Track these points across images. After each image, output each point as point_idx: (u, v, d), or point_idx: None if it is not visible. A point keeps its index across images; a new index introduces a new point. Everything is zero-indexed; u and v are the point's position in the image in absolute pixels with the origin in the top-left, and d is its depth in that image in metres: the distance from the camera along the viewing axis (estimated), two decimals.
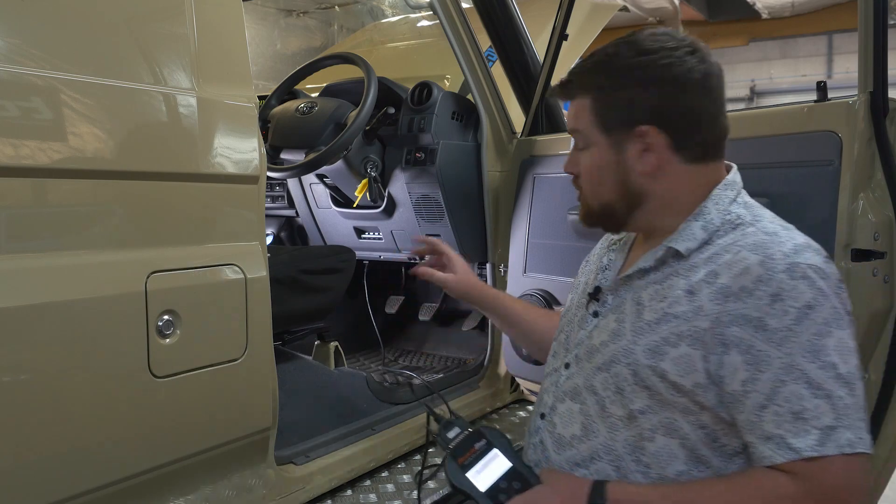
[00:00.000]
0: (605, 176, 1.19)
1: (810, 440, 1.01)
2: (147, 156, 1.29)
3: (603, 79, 1.17)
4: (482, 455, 1.19)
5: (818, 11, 11.95)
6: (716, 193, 1.17)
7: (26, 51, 1.14)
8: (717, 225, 1.15)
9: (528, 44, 2.51)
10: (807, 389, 1.02)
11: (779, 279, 1.04)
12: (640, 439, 1.13)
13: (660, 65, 1.13)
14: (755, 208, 1.19)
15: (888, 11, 1.60)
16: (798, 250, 1.07)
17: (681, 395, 1.10)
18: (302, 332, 2.19)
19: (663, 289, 1.15)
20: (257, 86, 2.28)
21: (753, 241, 1.10)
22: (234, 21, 1.46)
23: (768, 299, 1.04)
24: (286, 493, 1.65)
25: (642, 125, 1.14)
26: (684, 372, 1.08)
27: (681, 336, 1.09)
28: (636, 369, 1.13)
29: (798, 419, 1.01)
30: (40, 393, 1.14)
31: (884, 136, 1.57)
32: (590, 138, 1.20)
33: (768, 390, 1.03)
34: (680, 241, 1.15)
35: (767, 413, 1.03)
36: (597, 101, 1.18)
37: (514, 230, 2.38)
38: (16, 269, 1.11)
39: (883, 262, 1.57)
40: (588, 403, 1.19)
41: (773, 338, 1.03)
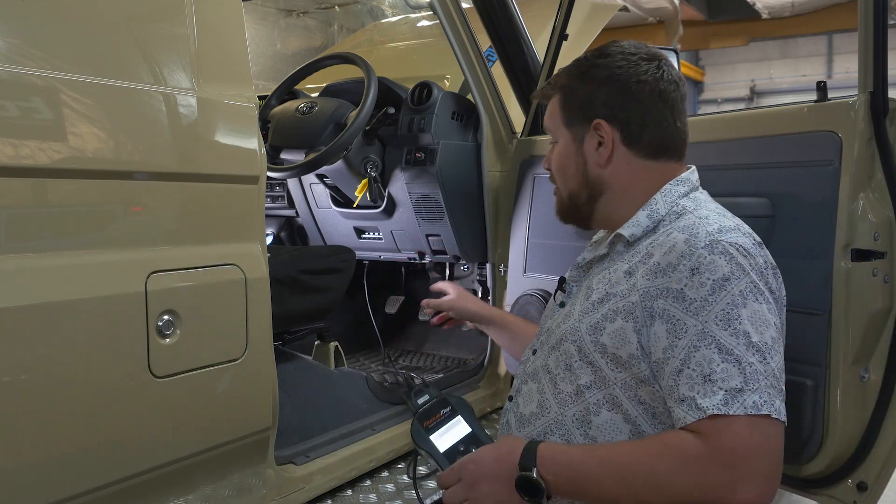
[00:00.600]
0: (570, 166, 1.32)
1: (716, 400, 1.06)
2: (147, 156, 1.29)
3: (569, 79, 1.32)
4: (446, 420, 1.28)
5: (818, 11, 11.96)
6: (666, 188, 1.28)
7: (26, 51, 1.14)
8: (662, 214, 1.25)
9: (528, 44, 2.51)
10: (717, 354, 1.09)
11: (699, 254, 1.13)
12: (587, 413, 1.22)
13: (615, 66, 1.27)
14: (702, 201, 1.27)
15: (888, 11, 1.60)
16: (723, 230, 1.16)
17: (620, 370, 1.18)
18: (302, 332, 2.19)
19: (610, 273, 1.26)
20: (257, 86, 2.28)
21: (684, 223, 1.20)
22: (234, 21, 1.46)
23: (688, 272, 1.13)
24: (286, 493, 1.66)
25: (597, 119, 1.27)
26: (619, 344, 1.17)
27: (617, 311, 1.19)
28: (580, 345, 1.23)
29: (707, 381, 1.08)
30: (40, 393, 1.14)
31: (884, 136, 1.57)
32: (557, 133, 1.34)
33: (683, 356, 1.10)
34: (626, 228, 1.26)
35: (682, 377, 1.10)
36: (563, 99, 1.32)
37: (514, 230, 2.38)
38: (16, 269, 1.11)
39: (883, 262, 1.57)
40: (543, 382, 1.29)
41: (690, 307, 1.12)
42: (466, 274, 2.89)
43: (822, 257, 1.57)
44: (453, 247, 2.50)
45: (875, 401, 1.59)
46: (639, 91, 1.25)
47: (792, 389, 1.24)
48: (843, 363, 1.56)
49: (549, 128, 1.36)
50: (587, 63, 1.30)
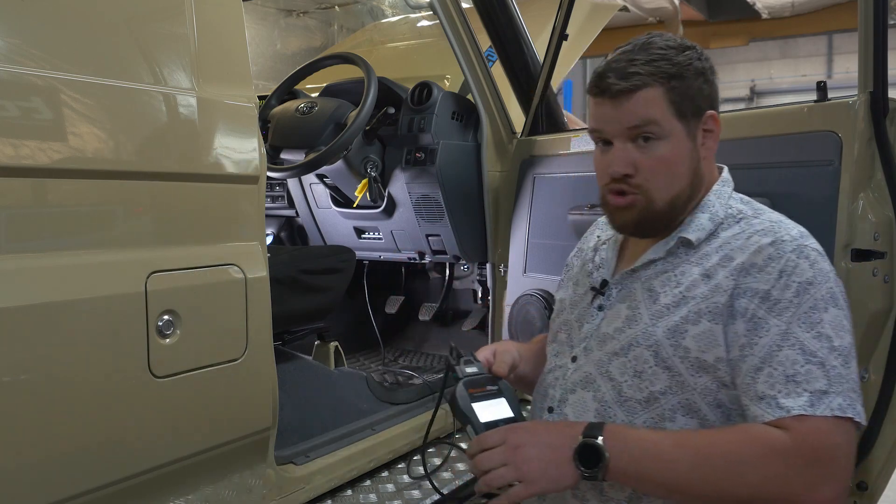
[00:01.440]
0: (682, 165, 1.21)
1: (801, 401, 1.05)
2: (147, 156, 1.29)
3: (672, 69, 1.18)
4: (491, 396, 1.21)
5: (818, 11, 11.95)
6: (716, 189, 1.25)
7: (26, 51, 1.14)
8: (722, 217, 1.23)
9: (528, 44, 2.51)
10: (801, 355, 1.07)
11: (787, 257, 1.12)
12: (661, 420, 1.16)
13: (701, 58, 1.22)
14: (754, 204, 1.27)
15: (888, 11, 1.60)
16: (803, 235, 1.17)
17: (701, 375, 1.14)
18: (302, 332, 2.19)
19: (676, 276, 1.20)
20: (257, 86, 2.28)
21: (762, 227, 1.18)
22: (234, 21, 1.46)
23: (777, 274, 1.12)
24: (286, 493, 1.65)
25: (711, 111, 1.22)
26: (706, 347, 1.13)
27: (700, 313, 1.15)
28: (657, 350, 1.16)
29: (790, 381, 1.06)
30: (40, 393, 1.13)
31: (884, 136, 1.57)
32: (667, 127, 1.19)
33: (764, 354, 1.09)
34: (691, 232, 1.22)
35: (762, 375, 1.08)
36: (672, 90, 1.18)
37: (514, 230, 2.38)
38: (16, 269, 1.11)
39: (883, 262, 1.57)
40: (603, 390, 1.21)
41: (774, 308, 1.10)
42: (466, 274, 2.89)
43: None
44: (453, 247, 2.50)
45: (875, 401, 1.59)
46: (716, 84, 1.25)
47: None
48: None
49: (652, 120, 1.18)
50: (678, 54, 1.20)
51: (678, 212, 1.23)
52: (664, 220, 1.23)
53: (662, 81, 1.18)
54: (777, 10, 12.01)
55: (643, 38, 1.23)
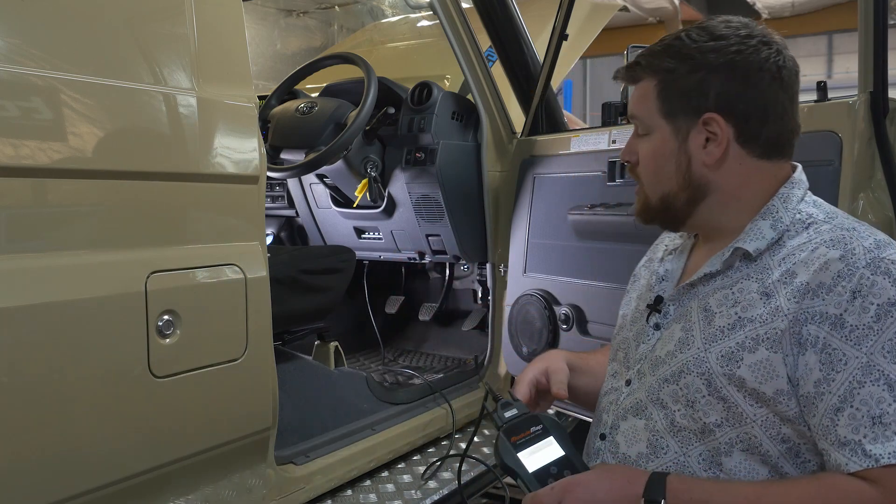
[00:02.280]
0: (666, 165, 1.13)
1: (891, 447, 0.94)
2: (147, 156, 1.29)
3: (671, 61, 1.10)
4: (537, 439, 1.13)
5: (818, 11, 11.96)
6: (783, 192, 1.11)
7: (26, 51, 1.14)
8: (787, 224, 1.09)
9: (528, 44, 2.51)
10: (887, 392, 0.95)
11: (860, 274, 0.98)
12: (717, 454, 1.06)
13: (731, 51, 1.08)
14: (827, 207, 1.13)
15: (888, 11, 1.60)
16: (880, 245, 1.02)
17: (761, 406, 1.03)
18: (302, 332, 2.19)
19: (734, 293, 1.08)
20: (257, 86, 2.28)
21: (831, 237, 1.04)
22: (234, 21, 1.46)
23: (848, 295, 0.98)
24: (286, 493, 1.65)
25: (709, 113, 1.09)
26: (764, 378, 1.02)
27: (758, 340, 1.02)
28: (710, 379, 1.06)
29: (877, 424, 0.94)
30: (40, 393, 1.13)
31: (884, 136, 1.57)
32: (651, 124, 1.14)
33: (844, 391, 0.96)
34: (749, 242, 1.09)
35: (843, 416, 0.96)
36: (663, 85, 1.11)
37: (514, 230, 2.38)
38: (16, 269, 1.11)
39: None
40: (654, 419, 1.12)
41: (851, 336, 0.97)
42: (466, 274, 2.89)
43: None
44: (453, 247, 2.50)
45: None
46: (760, 80, 1.07)
47: None
48: None
49: (638, 115, 1.15)
50: (694, 45, 1.09)
51: (677, 211, 1.14)
52: (666, 216, 1.16)
53: (655, 75, 1.12)
54: (777, 10, 12.02)
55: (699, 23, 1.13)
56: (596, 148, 2.17)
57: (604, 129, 2.21)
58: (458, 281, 2.93)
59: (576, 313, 2.13)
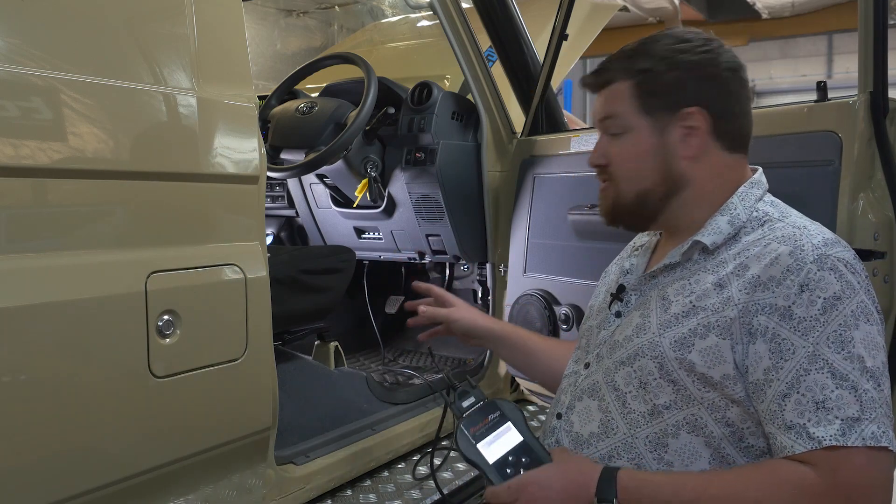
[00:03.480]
0: (646, 161, 1.18)
1: (832, 430, 0.99)
2: (147, 156, 1.29)
3: (647, 62, 1.17)
4: (495, 427, 1.17)
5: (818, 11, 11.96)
6: (742, 190, 1.18)
7: (26, 51, 1.14)
8: (743, 221, 1.15)
9: (528, 44, 2.51)
10: (831, 379, 1.01)
11: (808, 269, 1.05)
12: (664, 435, 1.12)
13: (700, 51, 1.16)
14: (782, 206, 1.20)
15: (888, 11, 1.60)
16: (828, 243, 1.08)
17: (709, 390, 1.09)
18: (302, 332, 2.19)
19: (690, 284, 1.15)
20: (257, 86, 2.28)
21: (783, 233, 1.11)
22: (234, 21, 1.46)
23: (797, 288, 1.04)
24: (286, 493, 1.65)
25: (688, 107, 1.15)
26: (713, 363, 1.08)
27: (709, 327, 1.09)
28: (662, 362, 1.12)
29: (821, 408, 1.00)
30: (40, 393, 1.13)
31: (884, 136, 1.57)
32: (629, 122, 1.18)
33: (791, 379, 1.02)
34: (706, 235, 1.16)
35: (789, 402, 1.02)
36: (640, 85, 1.17)
37: (514, 230, 2.38)
38: (16, 269, 1.11)
39: (883, 262, 1.57)
40: (607, 400, 1.18)
41: (799, 327, 1.03)
42: (466, 274, 2.89)
43: None
44: (453, 247, 2.50)
45: None
46: (727, 78, 1.17)
47: None
48: None
49: (612, 117, 1.20)
50: (669, 47, 1.17)
51: (651, 207, 1.19)
52: (637, 214, 1.21)
53: (630, 76, 1.17)
54: (777, 10, 12.02)
55: (657, 33, 1.21)
56: None
57: None
58: (458, 281, 2.93)
59: (576, 313, 2.13)
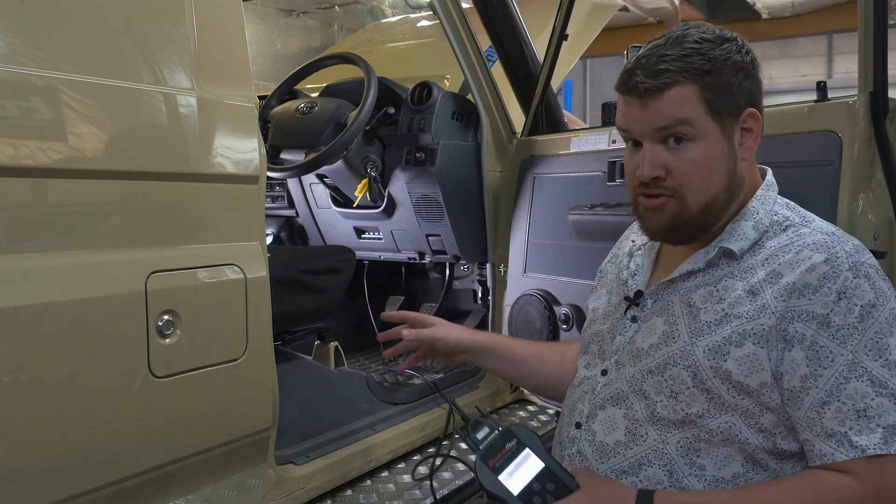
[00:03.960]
0: (717, 168, 1.12)
1: (875, 438, 0.99)
2: (147, 156, 1.29)
3: (706, 64, 1.10)
4: (514, 456, 1.14)
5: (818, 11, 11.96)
6: (760, 193, 1.17)
7: (26, 51, 1.14)
8: (766, 225, 1.14)
9: (528, 44, 2.51)
10: (871, 387, 1.01)
11: (844, 276, 1.04)
12: (696, 441, 1.10)
13: (743, 51, 1.13)
14: (799, 209, 1.19)
15: (888, 11, 1.60)
16: (859, 250, 1.09)
17: (744, 398, 1.07)
18: (302, 332, 2.19)
19: (718, 290, 1.12)
20: (257, 86, 2.28)
21: (814, 240, 1.09)
22: (234, 21, 1.46)
23: (834, 296, 1.04)
24: (286, 493, 1.65)
25: (749, 108, 1.13)
26: (750, 371, 1.06)
27: (745, 335, 1.07)
28: (696, 371, 1.10)
29: (862, 417, 1.00)
30: (40, 393, 1.13)
31: (884, 136, 1.57)
32: (701, 127, 1.11)
33: (830, 386, 1.02)
34: (733, 241, 1.14)
35: (829, 409, 1.02)
36: (706, 88, 1.10)
37: (514, 230, 2.38)
38: (16, 269, 1.11)
39: (883, 262, 1.57)
40: (635, 408, 1.15)
41: (838, 335, 1.03)
42: (466, 274, 2.89)
43: None
44: (453, 247, 2.50)
45: None
46: (758, 76, 1.15)
47: None
48: None
49: (684, 120, 1.10)
50: (719, 47, 1.11)
51: (713, 217, 1.14)
52: (698, 227, 1.15)
53: (695, 78, 1.09)
54: (777, 10, 12.02)
55: (678, 31, 1.13)
56: (596, 148, 2.17)
57: (604, 129, 2.21)
58: (458, 281, 2.93)
59: (576, 313, 2.13)
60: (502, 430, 1.17)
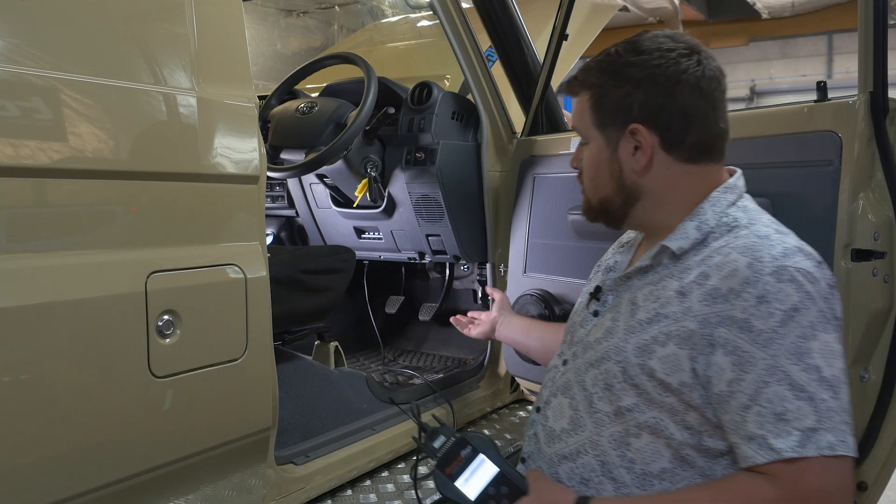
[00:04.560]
0: (602, 172, 1.23)
1: (791, 441, 1.02)
2: (147, 156, 1.29)
3: (601, 77, 1.20)
4: (469, 462, 1.20)
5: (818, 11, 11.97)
6: (714, 195, 1.19)
7: (26, 51, 1.14)
8: (712, 226, 1.16)
9: (528, 44, 2.51)
10: (789, 391, 1.03)
11: (765, 281, 1.06)
12: (627, 435, 1.15)
13: (653, 64, 1.16)
14: (754, 212, 1.19)
15: (888, 11, 1.60)
16: (787, 254, 1.09)
17: (668, 395, 1.11)
18: (302, 332, 2.19)
19: (657, 289, 1.17)
20: (257, 86, 2.28)
21: (744, 243, 1.11)
22: (234, 21, 1.46)
23: (754, 301, 1.05)
24: (286, 493, 1.66)
25: (634, 124, 1.17)
26: (670, 371, 1.10)
27: (669, 336, 1.11)
28: (626, 367, 1.15)
29: (780, 420, 1.03)
30: (40, 393, 1.14)
31: (884, 136, 1.57)
32: (588, 134, 1.24)
33: (752, 391, 1.04)
34: (673, 240, 1.17)
35: (751, 413, 1.04)
36: (594, 99, 1.21)
37: (514, 230, 2.38)
38: (16, 269, 1.11)
39: (883, 262, 1.57)
40: (577, 398, 1.22)
41: (759, 339, 1.05)
42: (466, 274, 2.89)
43: (822, 257, 1.57)
44: (453, 247, 2.50)
45: (875, 401, 1.59)
46: (680, 91, 1.15)
47: None
48: None
49: (577, 128, 1.26)
50: (621, 60, 1.18)
51: (616, 212, 1.24)
52: (605, 216, 1.27)
53: (588, 90, 1.22)
54: (777, 10, 12.03)
55: (630, 38, 1.21)
56: None
57: None
58: (458, 281, 2.93)
59: None
60: (457, 439, 1.23)
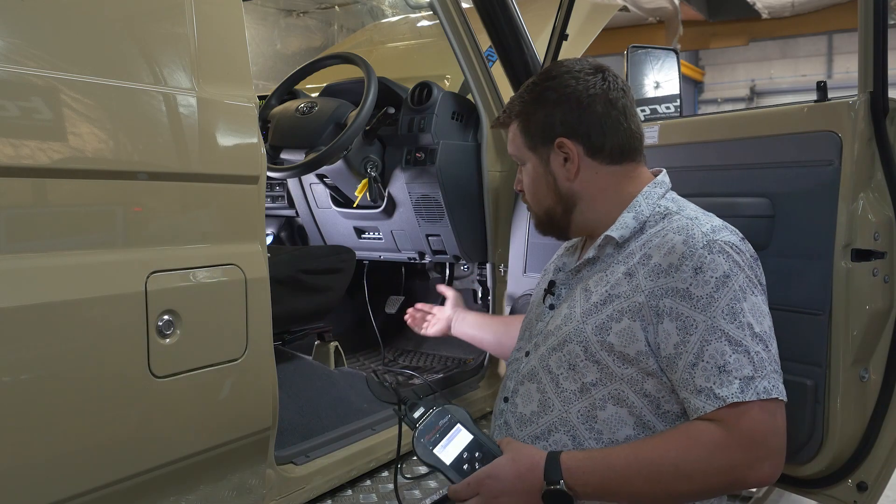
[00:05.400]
0: (540, 186, 1.40)
1: (733, 388, 1.16)
2: (147, 156, 1.29)
3: (524, 105, 1.39)
4: (446, 431, 1.30)
5: (818, 11, 11.98)
6: (646, 190, 1.36)
7: (26, 51, 1.14)
8: (647, 216, 1.33)
9: (528, 44, 2.51)
10: (728, 346, 1.18)
11: (699, 254, 1.22)
12: (593, 409, 1.28)
13: (565, 85, 1.35)
14: (681, 202, 1.37)
15: (888, 11, 1.60)
16: (715, 230, 1.26)
17: (627, 366, 1.26)
18: (302, 332, 2.19)
19: (606, 275, 1.32)
20: (257, 86, 2.28)
21: (677, 225, 1.28)
22: (234, 21, 1.46)
23: (692, 272, 1.22)
24: (286, 493, 1.65)
25: (559, 138, 1.35)
26: (627, 342, 1.25)
27: (622, 312, 1.26)
28: (587, 345, 1.28)
29: (722, 372, 1.18)
30: (40, 393, 1.13)
31: (884, 136, 1.57)
32: (523, 157, 1.41)
33: (696, 350, 1.19)
34: (615, 230, 1.33)
35: (697, 370, 1.19)
36: (522, 124, 1.39)
37: (514, 230, 2.38)
38: (16, 269, 1.11)
39: (883, 261, 1.57)
40: (544, 382, 1.34)
41: (698, 304, 1.20)
42: (466, 274, 2.89)
43: (822, 257, 1.57)
44: (453, 247, 2.50)
45: (875, 401, 1.59)
46: (591, 104, 1.33)
47: (792, 389, 1.24)
48: (843, 363, 1.56)
49: (513, 154, 1.43)
50: (538, 87, 1.38)
51: (560, 221, 1.40)
52: (551, 227, 1.43)
53: (515, 117, 1.40)
54: (777, 10, 12.04)
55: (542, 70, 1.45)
56: None
57: None
58: (458, 281, 2.93)
59: None
60: (436, 410, 1.32)
